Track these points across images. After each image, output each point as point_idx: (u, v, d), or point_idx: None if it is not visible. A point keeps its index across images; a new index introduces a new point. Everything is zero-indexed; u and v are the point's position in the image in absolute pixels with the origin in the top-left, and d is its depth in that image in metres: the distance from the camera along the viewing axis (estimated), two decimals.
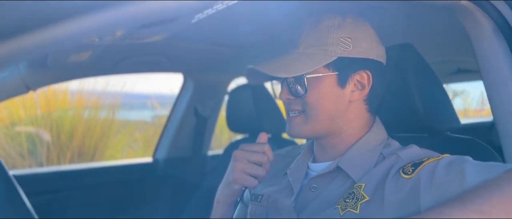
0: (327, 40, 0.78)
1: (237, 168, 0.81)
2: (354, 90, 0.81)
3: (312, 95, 0.80)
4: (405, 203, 0.68)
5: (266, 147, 0.81)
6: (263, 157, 0.81)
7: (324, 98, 0.80)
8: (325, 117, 0.81)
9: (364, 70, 0.80)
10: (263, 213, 0.86)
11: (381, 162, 0.78)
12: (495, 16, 0.85)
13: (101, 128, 3.57)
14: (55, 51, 1.13)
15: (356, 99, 0.81)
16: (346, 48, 0.78)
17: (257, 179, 0.81)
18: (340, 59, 0.79)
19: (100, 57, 1.32)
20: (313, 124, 0.81)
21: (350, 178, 0.78)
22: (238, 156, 0.82)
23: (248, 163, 0.81)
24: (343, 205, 0.74)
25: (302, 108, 0.81)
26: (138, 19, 0.44)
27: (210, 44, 1.47)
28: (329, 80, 0.79)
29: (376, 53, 0.82)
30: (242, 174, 0.81)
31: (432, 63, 0.96)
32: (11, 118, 3.38)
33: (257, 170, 0.80)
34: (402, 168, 0.73)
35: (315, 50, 0.79)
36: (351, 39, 0.79)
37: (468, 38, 0.91)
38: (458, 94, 4.22)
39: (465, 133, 0.95)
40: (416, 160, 0.73)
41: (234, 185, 0.83)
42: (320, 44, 0.79)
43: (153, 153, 2.11)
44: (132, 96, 4.24)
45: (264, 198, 0.88)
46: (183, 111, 2.04)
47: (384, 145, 0.82)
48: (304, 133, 0.82)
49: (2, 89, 1.31)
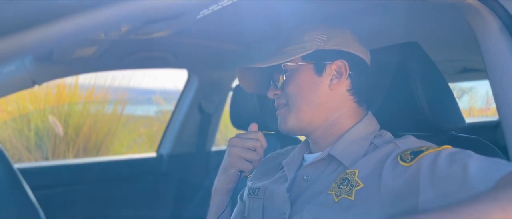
0: (303, 38, 0.86)
1: (232, 153, 0.88)
2: (333, 79, 0.85)
3: (292, 85, 0.85)
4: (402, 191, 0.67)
5: (259, 134, 0.88)
6: (257, 142, 0.87)
7: (303, 86, 0.85)
8: (305, 104, 0.84)
9: (340, 60, 0.85)
10: (260, 205, 0.88)
11: (372, 151, 0.79)
12: (502, 15, 0.85)
13: (107, 122, 3.59)
14: (61, 46, 1.13)
15: (336, 87, 0.85)
16: (321, 42, 0.85)
17: (252, 163, 0.87)
18: (316, 52, 0.84)
19: (106, 52, 1.33)
20: (296, 113, 0.85)
21: (342, 165, 0.80)
22: (233, 142, 0.88)
23: (243, 148, 0.87)
24: (337, 191, 0.75)
25: (285, 101, 0.87)
26: (144, 15, 0.44)
27: (215, 41, 1.47)
28: (307, 70, 0.85)
29: (352, 48, 0.86)
30: (237, 158, 0.87)
31: (438, 62, 0.96)
32: (19, 111, 3.41)
33: (251, 154, 0.87)
34: (399, 155, 0.72)
35: (293, 47, 0.86)
36: (326, 36, 0.85)
37: (474, 37, 0.91)
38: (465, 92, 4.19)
39: (470, 132, 0.94)
40: (415, 148, 0.73)
41: (230, 169, 0.89)
42: (297, 41, 0.86)
43: (157, 148, 2.12)
44: (137, 92, 4.26)
45: (261, 190, 0.90)
46: (188, 107, 2.04)
47: (375, 135, 0.84)
48: (290, 124, 0.86)
49: (9, 83, 1.32)
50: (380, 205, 0.69)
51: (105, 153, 3.55)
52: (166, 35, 1.02)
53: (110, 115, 3.67)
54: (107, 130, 3.57)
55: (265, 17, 1.19)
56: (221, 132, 4.28)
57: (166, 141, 2.09)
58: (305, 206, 0.77)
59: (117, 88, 3.75)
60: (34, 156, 3.34)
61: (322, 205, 0.75)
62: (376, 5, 1.02)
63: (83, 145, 3.41)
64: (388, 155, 0.75)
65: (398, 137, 0.85)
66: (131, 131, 4.07)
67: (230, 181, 0.91)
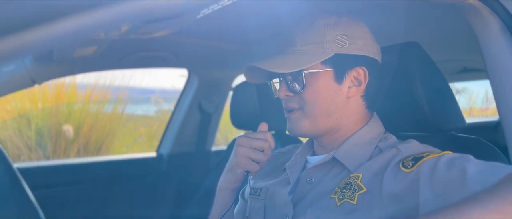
0: (323, 37, 0.80)
1: (239, 152, 0.85)
2: (351, 86, 0.82)
3: (310, 91, 0.81)
4: (403, 197, 0.68)
5: (268, 135, 0.85)
6: (265, 143, 0.84)
7: (322, 94, 0.81)
8: (322, 112, 0.82)
9: (361, 67, 0.82)
10: (261, 206, 0.88)
11: (377, 155, 0.79)
12: (503, 15, 0.85)
13: (107, 122, 3.59)
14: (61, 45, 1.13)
15: (353, 95, 0.83)
16: (342, 45, 0.80)
17: (259, 164, 0.85)
18: (337, 56, 0.80)
19: (106, 51, 1.32)
20: (311, 120, 0.82)
21: (346, 169, 0.79)
22: (241, 141, 0.86)
23: (250, 148, 0.84)
24: (340, 195, 0.75)
25: (299, 105, 0.83)
26: (144, 15, 0.44)
27: (215, 40, 1.47)
28: (326, 76, 0.81)
29: (371, 50, 0.83)
30: (244, 158, 0.85)
31: (438, 61, 0.95)
32: (19, 110, 3.40)
33: (259, 155, 0.84)
34: (401, 161, 0.73)
35: (312, 47, 0.80)
36: (347, 37, 0.80)
37: (474, 36, 0.90)
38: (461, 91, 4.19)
39: (470, 132, 0.94)
40: (417, 154, 0.73)
41: (237, 169, 0.86)
42: (316, 41, 0.80)
43: (157, 148, 2.12)
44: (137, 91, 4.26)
45: (263, 191, 0.89)
46: (188, 107, 2.04)
47: (380, 138, 0.83)
48: (303, 129, 0.83)
49: (9, 82, 1.32)
50: (382, 210, 0.70)
51: (106, 153, 3.55)
52: (167, 35, 1.02)
53: (111, 114, 3.67)
54: (108, 129, 3.57)
55: (265, 17, 1.19)
56: (221, 132, 4.27)
57: (166, 140, 2.09)
58: (308, 209, 0.77)
59: (117, 88, 3.75)
60: (35, 155, 3.34)
61: (325, 209, 0.75)
62: (376, 5, 1.02)
63: (84, 144, 3.41)
64: (390, 160, 0.75)
65: (399, 137, 0.85)
66: (132, 130, 4.07)
67: (236, 181, 0.89)
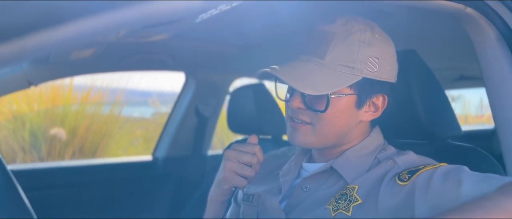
0: (356, 57, 0.75)
1: (227, 167, 0.82)
2: (367, 111, 0.81)
3: (328, 114, 0.77)
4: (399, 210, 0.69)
5: (256, 148, 0.82)
6: (253, 158, 0.81)
7: (339, 118, 0.78)
8: (334, 134, 0.80)
9: (382, 94, 0.80)
10: (254, 213, 0.87)
11: (375, 166, 0.79)
12: (499, 24, 0.85)
13: (103, 124, 3.57)
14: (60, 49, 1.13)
15: (366, 120, 0.81)
16: (372, 70, 0.76)
17: (247, 179, 0.82)
18: (364, 80, 0.77)
19: (103, 54, 1.32)
20: (321, 138, 0.79)
21: (343, 179, 0.79)
22: (229, 155, 0.83)
23: (238, 163, 0.81)
24: (334, 206, 0.75)
25: (311, 121, 0.79)
26: (143, 20, 0.44)
27: (213, 44, 1.47)
28: (349, 101, 0.78)
29: (395, 76, 0.81)
30: (232, 173, 0.81)
31: (436, 69, 0.96)
32: (14, 112, 3.39)
33: (247, 170, 0.81)
34: (398, 174, 0.73)
35: (343, 68, 0.76)
36: (378, 60, 0.77)
37: (471, 45, 0.91)
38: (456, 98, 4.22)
39: (466, 140, 0.95)
40: (412, 167, 0.73)
41: (224, 184, 0.84)
42: (349, 62, 0.75)
43: (153, 151, 2.11)
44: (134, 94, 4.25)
45: (255, 198, 0.88)
46: (184, 110, 2.03)
47: (379, 149, 0.82)
48: (310, 144, 0.81)
49: (5, 84, 1.31)
50: None
51: (101, 155, 3.53)
52: (165, 38, 1.02)
53: (107, 117, 3.65)
54: (104, 131, 3.55)
55: (263, 20, 1.19)
56: (217, 135, 4.27)
57: (162, 143, 2.08)
58: (302, 217, 0.77)
59: (114, 90, 3.74)
60: (30, 156, 3.32)
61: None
62: (375, 13, 1.02)
63: (79, 146, 3.39)
64: (386, 173, 0.75)
65: (396, 144, 0.85)
66: (128, 133, 4.06)
67: (224, 195, 0.87)
